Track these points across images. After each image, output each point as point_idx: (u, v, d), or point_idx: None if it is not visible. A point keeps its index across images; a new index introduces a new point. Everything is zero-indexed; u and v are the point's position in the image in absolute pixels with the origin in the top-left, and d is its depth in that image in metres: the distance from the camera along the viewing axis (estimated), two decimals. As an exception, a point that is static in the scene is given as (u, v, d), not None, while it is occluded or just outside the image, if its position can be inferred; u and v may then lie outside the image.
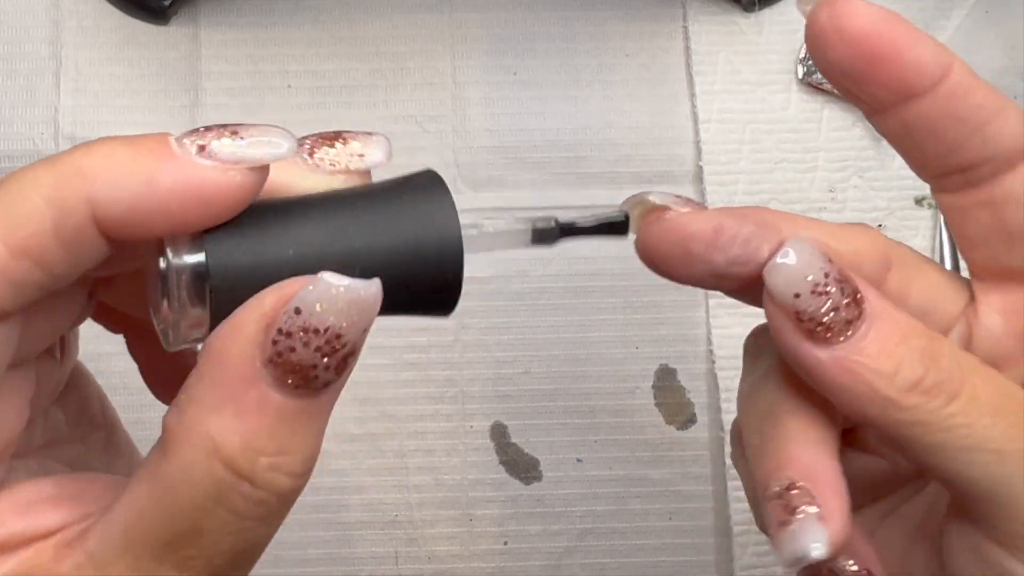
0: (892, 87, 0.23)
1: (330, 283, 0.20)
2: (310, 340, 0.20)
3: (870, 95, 0.24)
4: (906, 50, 0.23)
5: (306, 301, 0.20)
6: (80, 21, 0.50)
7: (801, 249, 0.23)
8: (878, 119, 0.24)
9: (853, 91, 0.24)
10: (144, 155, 0.21)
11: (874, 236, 0.25)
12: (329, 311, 0.20)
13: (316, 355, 0.20)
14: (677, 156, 0.50)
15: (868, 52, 0.23)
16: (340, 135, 0.25)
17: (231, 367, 0.20)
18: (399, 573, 0.48)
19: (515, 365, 0.49)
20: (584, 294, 0.49)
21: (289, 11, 0.50)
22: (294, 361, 0.20)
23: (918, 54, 0.23)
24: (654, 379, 0.49)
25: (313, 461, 0.22)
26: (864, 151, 0.50)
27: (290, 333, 0.20)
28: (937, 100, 0.23)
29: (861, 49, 0.23)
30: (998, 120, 0.23)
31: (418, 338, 0.49)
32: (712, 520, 0.48)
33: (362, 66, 0.50)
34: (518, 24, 0.51)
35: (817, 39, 0.24)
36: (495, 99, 0.50)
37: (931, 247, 0.50)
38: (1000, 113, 0.23)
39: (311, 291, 0.20)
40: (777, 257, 0.23)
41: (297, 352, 0.20)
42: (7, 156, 0.49)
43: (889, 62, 0.23)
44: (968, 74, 0.23)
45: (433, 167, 0.25)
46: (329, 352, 0.20)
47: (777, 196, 0.50)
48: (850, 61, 0.23)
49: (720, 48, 0.51)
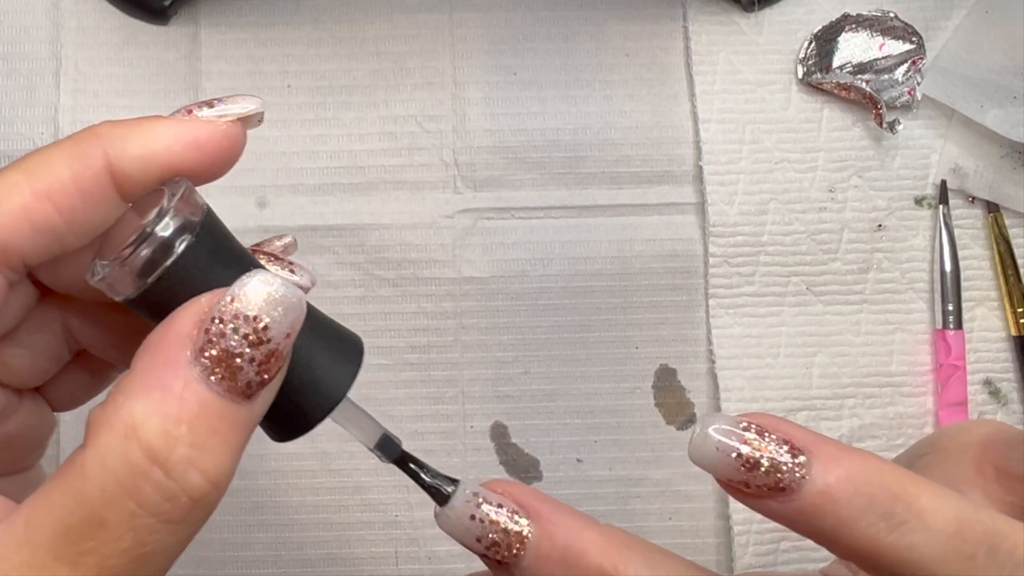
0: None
1: (266, 276, 0.22)
2: (239, 327, 0.21)
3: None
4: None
5: (241, 290, 0.22)
6: (80, 21, 0.50)
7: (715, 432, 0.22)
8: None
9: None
10: (144, 121, 0.25)
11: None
12: (260, 300, 0.22)
13: (243, 342, 0.21)
14: (677, 156, 0.50)
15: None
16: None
17: (160, 356, 0.21)
18: (399, 573, 0.48)
19: (515, 365, 0.49)
20: (584, 294, 0.49)
21: (289, 11, 0.50)
22: (222, 348, 0.21)
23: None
24: (654, 379, 0.49)
25: (228, 474, 0.22)
26: (864, 151, 0.50)
27: (222, 319, 0.21)
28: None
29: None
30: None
31: (418, 338, 0.49)
32: (712, 520, 0.48)
33: (362, 66, 0.50)
34: (518, 24, 0.51)
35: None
36: (495, 99, 0.50)
37: (931, 247, 0.50)
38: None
39: (246, 282, 0.22)
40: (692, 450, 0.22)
41: (226, 339, 0.21)
42: (7, 156, 0.49)
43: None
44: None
45: (433, 167, 0.26)
46: (255, 343, 0.21)
47: (777, 196, 0.50)
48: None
49: (720, 48, 0.51)
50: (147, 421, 0.20)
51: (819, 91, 0.50)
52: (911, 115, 0.50)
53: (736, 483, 0.21)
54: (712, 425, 0.22)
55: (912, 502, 0.20)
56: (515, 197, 0.50)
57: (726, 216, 0.49)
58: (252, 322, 0.21)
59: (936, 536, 0.20)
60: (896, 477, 0.21)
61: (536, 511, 0.23)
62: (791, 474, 0.21)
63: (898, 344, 0.49)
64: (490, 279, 0.49)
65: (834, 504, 0.20)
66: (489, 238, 0.49)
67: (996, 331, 0.50)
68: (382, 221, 0.49)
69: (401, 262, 0.49)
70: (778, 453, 0.21)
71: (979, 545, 0.20)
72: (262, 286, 0.22)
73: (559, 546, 0.22)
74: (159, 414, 0.21)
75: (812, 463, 0.21)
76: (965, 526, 0.20)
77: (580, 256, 0.49)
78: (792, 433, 0.21)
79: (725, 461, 0.21)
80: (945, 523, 0.20)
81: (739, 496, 0.22)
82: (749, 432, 0.21)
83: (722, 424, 0.21)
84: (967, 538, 0.20)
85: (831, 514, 0.20)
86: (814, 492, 0.21)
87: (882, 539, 0.20)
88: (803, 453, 0.21)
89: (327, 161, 0.49)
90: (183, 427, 0.21)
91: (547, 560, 0.22)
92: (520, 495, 0.23)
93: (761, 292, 0.49)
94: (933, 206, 0.50)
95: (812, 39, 0.51)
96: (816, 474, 0.21)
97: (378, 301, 0.49)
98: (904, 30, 0.50)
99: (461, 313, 0.49)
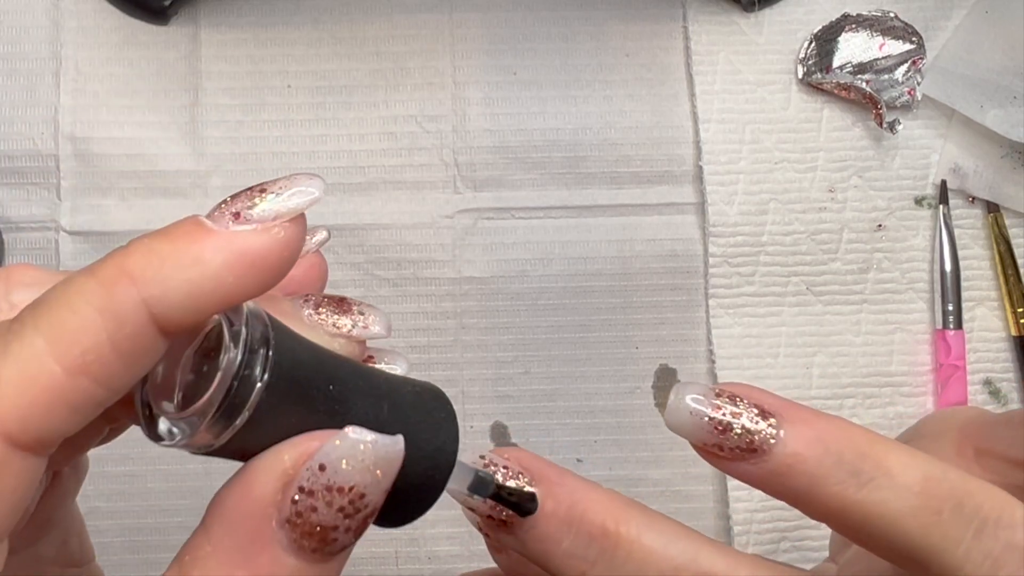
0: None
1: (357, 438, 0.19)
2: (333, 499, 0.19)
3: None
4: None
5: (331, 457, 0.19)
6: (80, 21, 0.50)
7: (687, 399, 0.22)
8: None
9: None
10: (184, 241, 0.19)
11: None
12: (355, 469, 0.19)
13: (338, 516, 0.19)
14: (677, 156, 0.50)
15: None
16: (344, 300, 0.24)
17: (244, 527, 0.19)
18: (399, 573, 0.48)
19: (515, 365, 0.49)
20: (584, 294, 0.49)
21: (289, 11, 0.50)
22: (314, 523, 0.19)
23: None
24: (654, 379, 0.49)
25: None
26: (864, 151, 0.50)
27: (312, 491, 0.19)
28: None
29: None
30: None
31: (418, 338, 0.49)
32: (712, 520, 0.48)
33: (362, 66, 0.50)
34: (518, 24, 0.51)
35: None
36: (495, 99, 0.50)
37: (931, 247, 0.50)
38: None
39: (337, 446, 0.19)
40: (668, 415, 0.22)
41: (319, 513, 0.19)
42: (7, 156, 0.49)
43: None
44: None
45: (433, 167, 0.24)
46: (351, 513, 0.19)
47: (777, 196, 0.50)
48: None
49: (720, 48, 0.51)
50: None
51: (819, 91, 0.50)
52: (911, 115, 0.50)
53: (711, 446, 0.22)
54: (687, 394, 0.22)
55: (880, 460, 0.21)
56: (515, 197, 0.50)
57: (726, 216, 0.49)
58: (347, 494, 0.19)
59: (903, 492, 0.21)
60: (865, 438, 0.21)
61: (541, 473, 0.23)
62: (763, 436, 0.21)
63: (898, 344, 0.49)
64: (490, 279, 0.49)
65: (804, 463, 0.21)
66: (489, 238, 0.49)
67: (996, 331, 0.50)
68: (382, 221, 0.49)
69: (401, 262, 0.49)
70: (750, 417, 0.22)
71: (946, 501, 0.21)
72: (356, 447, 0.19)
73: (563, 505, 0.22)
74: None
75: (783, 426, 0.21)
76: (932, 483, 0.21)
77: (580, 256, 0.49)
78: (763, 399, 0.22)
79: (699, 425, 0.22)
80: (913, 480, 0.21)
81: (714, 460, 0.22)
82: (722, 398, 0.22)
83: (696, 392, 0.22)
84: (934, 494, 0.21)
85: (802, 473, 0.21)
86: (785, 452, 0.21)
87: (851, 496, 0.21)
88: (774, 416, 0.22)
89: (327, 161, 0.49)
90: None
91: (551, 519, 0.22)
92: (525, 459, 0.23)
93: (761, 292, 0.49)
94: (933, 206, 0.50)
95: (812, 39, 0.51)
96: (787, 435, 0.21)
97: (378, 301, 0.49)
98: (904, 30, 0.50)
99: (461, 313, 0.49)
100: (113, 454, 0.28)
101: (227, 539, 0.19)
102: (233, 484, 0.19)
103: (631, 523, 0.22)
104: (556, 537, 0.22)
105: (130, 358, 0.19)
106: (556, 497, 0.22)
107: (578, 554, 0.22)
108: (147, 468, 0.47)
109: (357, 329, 0.24)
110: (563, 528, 0.22)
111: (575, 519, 0.22)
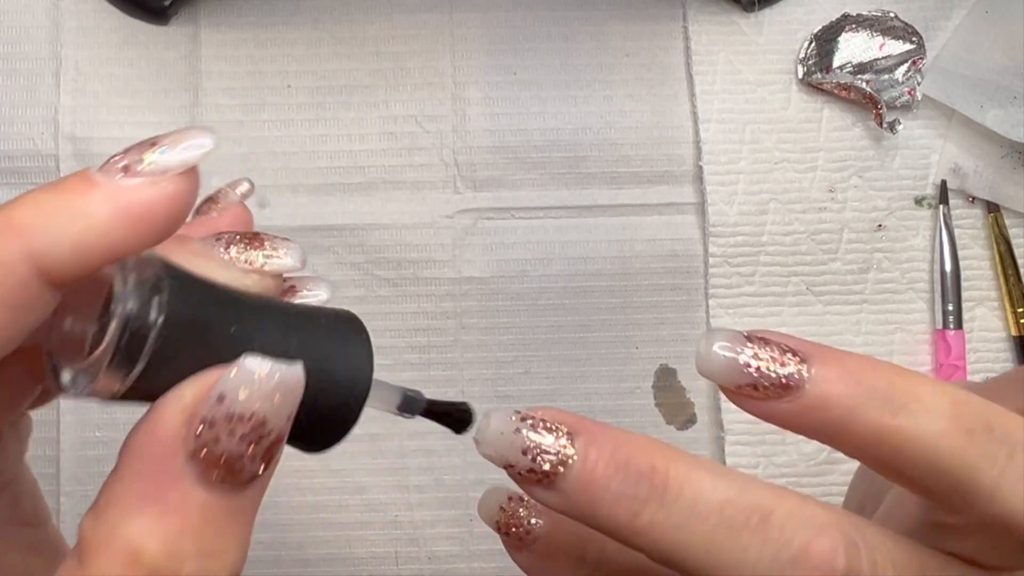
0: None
1: (252, 367, 0.19)
2: (235, 429, 0.19)
3: None
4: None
5: (229, 387, 0.19)
6: (80, 21, 0.50)
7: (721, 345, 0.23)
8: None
9: None
10: (72, 194, 0.20)
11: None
12: (253, 396, 0.19)
13: (242, 444, 0.19)
14: (677, 156, 0.50)
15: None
16: (258, 235, 0.24)
17: (152, 464, 0.19)
18: (399, 573, 0.48)
19: (515, 365, 0.49)
20: (584, 294, 0.49)
21: (289, 11, 0.50)
22: (219, 453, 0.19)
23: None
24: (654, 379, 0.49)
25: (241, 565, 0.20)
26: (864, 151, 0.50)
27: (214, 423, 0.19)
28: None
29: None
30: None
31: (418, 338, 0.49)
32: (712, 520, 0.48)
33: (362, 66, 0.50)
34: (518, 24, 0.51)
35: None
36: (495, 99, 0.50)
37: (931, 247, 0.50)
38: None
39: (233, 376, 0.19)
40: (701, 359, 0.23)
41: (222, 442, 0.19)
42: (7, 156, 0.49)
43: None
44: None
45: (433, 167, 0.24)
46: (255, 440, 0.19)
47: (777, 196, 0.50)
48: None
49: (720, 48, 0.51)
50: (148, 542, 0.19)
51: (819, 91, 0.50)
52: (911, 115, 0.50)
53: (745, 387, 0.22)
54: (717, 340, 0.22)
55: (910, 389, 0.22)
56: (515, 197, 0.50)
57: (726, 216, 0.49)
58: (248, 421, 0.19)
59: (936, 415, 0.21)
60: (893, 369, 0.22)
61: (580, 425, 0.23)
62: (797, 372, 0.22)
63: (898, 344, 0.49)
64: (490, 279, 0.49)
65: (839, 396, 0.21)
66: (489, 238, 0.49)
67: (996, 331, 0.50)
68: (382, 221, 0.49)
69: (401, 262, 0.49)
70: (782, 356, 0.22)
71: (976, 422, 0.21)
72: (252, 376, 0.19)
73: (607, 450, 0.22)
74: (160, 532, 0.19)
75: (813, 364, 0.22)
76: (960, 406, 0.21)
77: (580, 256, 0.49)
78: (791, 341, 0.23)
79: (733, 366, 0.22)
80: (943, 405, 0.21)
81: (748, 403, 0.22)
82: (752, 341, 0.22)
83: (726, 338, 0.22)
84: (964, 415, 0.21)
85: (836, 405, 0.21)
86: (819, 387, 0.22)
87: (887, 422, 0.21)
88: (804, 356, 0.22)
89: (327, 161, 0.49)
90: (188, 540, 0.19)
91: (597, 463, 0.22)
92: (560, 414, 0.23)
93: (761, 292, 0.49)
94: (933, 206, 0.50)
95: (812, 39, 0.51)
96: (818, 372, 0.22)
97: (378, 301, 0.49)
98: (904, 30, 0.50)
99: (461, 313, 0.49)
100: (109, 455, 0.29)
101: (137, 478, 0.19)
102: (140, 425, 0.20)
103: (679, 462, 0.22)
104: (603, 482, 0.22)
105: (16, 310, 0.19)
106: (599, 443, 0.22)
107: (628, 494, 0.21)
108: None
109: (270, 263, 0.24)
110: (610, 471, 0.22)
111: (621, 461, 0.22)
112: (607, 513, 0.22)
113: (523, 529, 0.26)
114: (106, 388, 0.20)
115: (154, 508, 0.19)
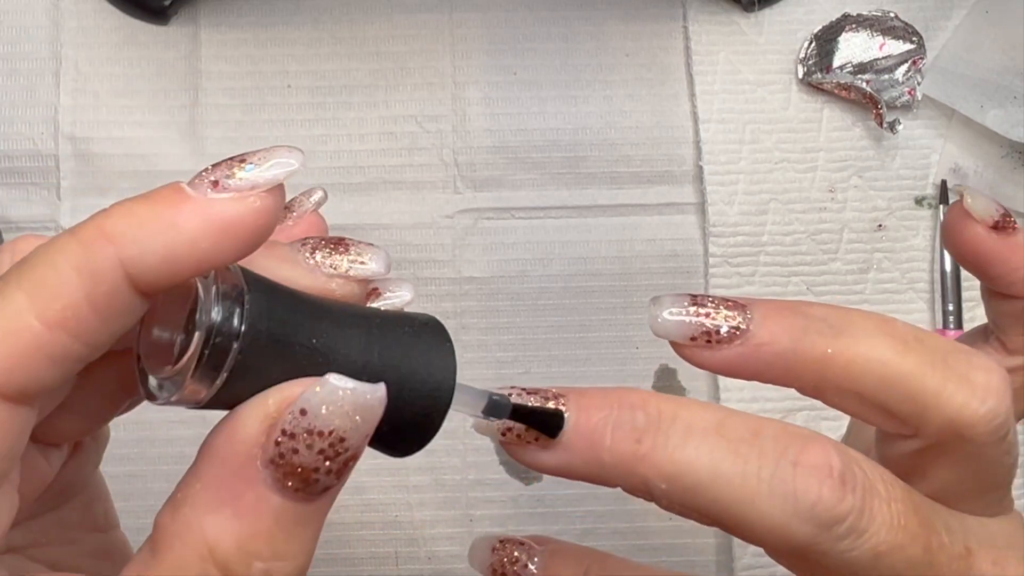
0: (992, 285, 0.29)
1: (337, 385, 0.20)
2: (313, 442, 0.20)
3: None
4: (998, 264, 0.28)
5: (312, 403, 0.20)
6: (80, 21, 0.50)
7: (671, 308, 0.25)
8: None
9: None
10: (163, 206, 0.20)
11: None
12: (334, 414, 0.20)
13: (319, 458, 0.20)
14: (677, 156, 0.50)
15: (973, 258, 0.29)
16: (343, 241, 0.25)
17: (231, 466, 0.20)
18: (399, 573, 0.48)
19: (515, 365, 0.49)
20: (584, 294, 0.49)
21: (289, 11, 0.50)
22: (295, 463, 0.20)
23: (1010, 268, 0.28)
24: (654, 379, 0.49)
25: (307, 568, 0.21)
26: (864, 151, 0.50)
27: (294, 434, 0.20)
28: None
29: (969, 254, 0.29)
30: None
31: (418, 338, 0.49)
32: (712, 520, 0.48)
33: (362, 66, 0.50)
34: (518, 24, 0.51)
35: (945, 233, 0.30)
36: (495, 99, 0.50)
37: (931, 247, 0.50)
38: None
39: (317, 392, 0.20)
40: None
41: (300, 454, 0.20)
42: (7, 156, 0.49)
43: (987, 267, 0.29)
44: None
45: (433, 167, 0.24)
46: (332, 456, 0.20)
47: (777, 196, 0.50)
48: (963, 260, 0.29)
49: (720, 48, 0.51)
50: (222, 539, 0.20)
51: (819, 91, 0.50)
52: (911, 115, 0.50)
53: (700, 337, 0.24)
54: (665, 306, 0.24)
55: (843, 315, 0.24)
56: (515, 197, 0.50)
57: (726, 216, 0.49)
58: (327, 437, 0.20)
59: (872, 331, 0.23)
60: (824, 305, 0.24)
61: (562, 389, 0.24)
62: (741, 316, 0.24)
63: (898, 344, 0.49)
64: (490, 279, 0.49)
65: (783, 330, 0.24)
66: (489, 238, 0.49)
67: (996, 331, 0.50)
68: (382, 221, 0.49)
69: (401, 262, 0.49)
70: (725, 307, 0.24)
71: (908, 335, 0.24)
72: (335, 394, 0.20)
73: (596, 399, 0.24)
74: (233, 531, 0.20)
75: (753, 310, 0.24)
76: (890, 325, 0.24)
77: (580, 256, 0.49)
78: (728, 297, 0.25)
79: (685, 323, 0.24)
80: (874, 323, 0.24)
81: (701, 355, 0.24)
82: (696, 301, 0.25)
83: (672, 303, 0.24)
84: (896, 331, 0.24)
85: (782, 336, 0.23)
86: (762, 324, 0.24)
87: (832, 343, 0.23)
88: (744, 304, 0.24)
89: (327, 161, 0.49)
90: (259, 542, 0.20)
91: (590, 409, 0.23)
92: (542, 390, 0.24)
93: (761, 292, 0.49)
94: (933, 206, 0.50)
95: (812, 39, 0.51)
96: (758, 314, 0.24)
97: (378, 301, 0.49)
98: (904, 30, 0.50)
99: (461, 313, 0.49)
100: (113, 455, 0.29)
101: (215, 477, 0.20)
102: (221, 427, 0.20)
103: (665, 398, 0.23)
104: (600, 423, 0.23)
105: (106, 315, 0.20)
106: (587, 395, 0.24)
107: (626, 425, 0.23)
108: (147, 468, 0.47)
109: (354, 268, 0.25)
110: (604, 411, 0.23)
111: (613, 402, 0.23)
112: (610, 449, 0.23)
113: (520, 564, 0.27)
114: (192, 396, 0.20)
115: (230, 508, 0.20)
